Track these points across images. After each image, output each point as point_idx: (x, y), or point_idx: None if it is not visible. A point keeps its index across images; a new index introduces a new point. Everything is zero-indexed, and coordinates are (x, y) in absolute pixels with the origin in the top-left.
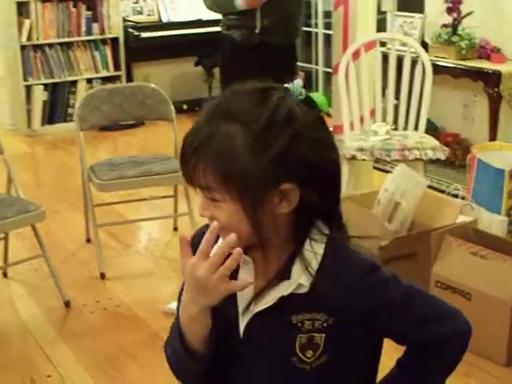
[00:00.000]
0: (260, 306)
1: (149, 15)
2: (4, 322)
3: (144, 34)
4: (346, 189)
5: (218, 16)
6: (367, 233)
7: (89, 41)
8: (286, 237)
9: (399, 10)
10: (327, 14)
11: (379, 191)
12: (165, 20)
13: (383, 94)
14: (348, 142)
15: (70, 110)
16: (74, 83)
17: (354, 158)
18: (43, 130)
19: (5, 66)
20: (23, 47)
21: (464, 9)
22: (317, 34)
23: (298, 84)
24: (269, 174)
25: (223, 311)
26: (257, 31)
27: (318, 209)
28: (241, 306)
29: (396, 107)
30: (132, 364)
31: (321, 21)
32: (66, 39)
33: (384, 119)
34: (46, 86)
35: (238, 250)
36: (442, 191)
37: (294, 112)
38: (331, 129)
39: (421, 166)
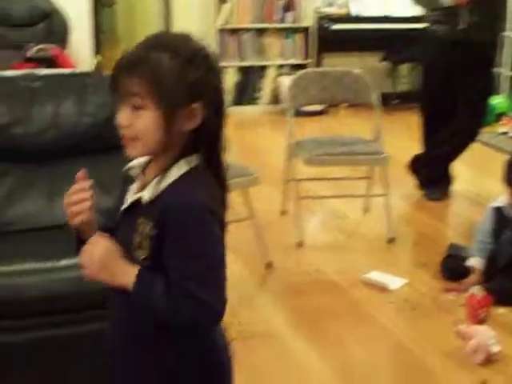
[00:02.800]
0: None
1: (339, 8)
2: None
3: (334, 26)
4: None
5: (406, 13)
6: None
7: (281, 29)
8: (175, 154)
9: None
10: None
11: None
12: (354, 14)
13: None
14: None
15: (256, 94)
16: (263, 68)
17: None
18: (231, 111)
19: None
20: (220, 30)
21: None
22: (502, 36)
23: None
24: (186, 93)
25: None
26: (460, 27)
27: (211, 133)
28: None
29: None
30: (333, 324)
31: (510, 24)
32: (260, 25)
33: None
34: (238, 68)
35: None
36: None
37: (210, 54)
38: None
39: None
